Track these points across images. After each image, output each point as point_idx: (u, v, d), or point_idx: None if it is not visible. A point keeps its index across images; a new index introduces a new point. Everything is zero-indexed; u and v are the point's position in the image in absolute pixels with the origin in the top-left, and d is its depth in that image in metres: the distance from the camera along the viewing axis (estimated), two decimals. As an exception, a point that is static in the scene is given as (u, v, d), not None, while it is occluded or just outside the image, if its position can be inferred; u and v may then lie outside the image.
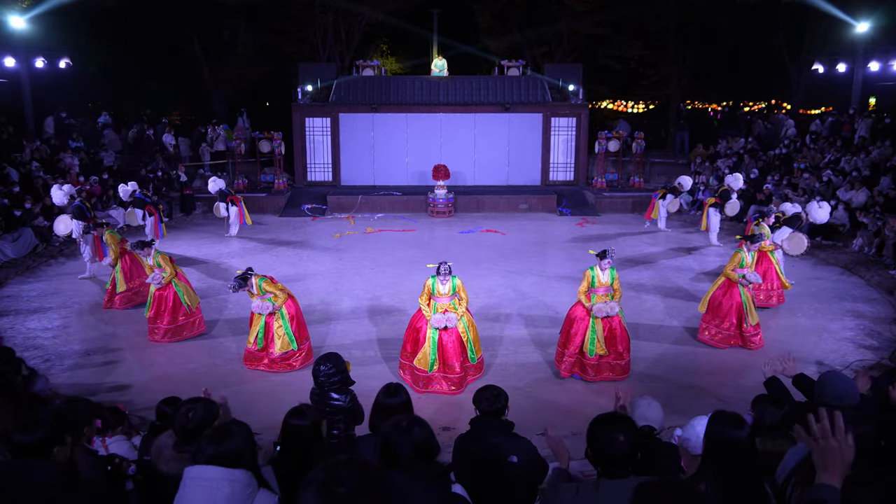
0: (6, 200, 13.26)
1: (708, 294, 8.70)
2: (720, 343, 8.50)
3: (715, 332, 8.55)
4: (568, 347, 7.55)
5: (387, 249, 13.50)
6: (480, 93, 19.15)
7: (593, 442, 2.69)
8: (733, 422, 2.79)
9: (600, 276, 7.47)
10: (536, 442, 4.07)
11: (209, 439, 2.68)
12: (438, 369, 7.21)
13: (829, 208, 11.24)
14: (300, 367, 7.76)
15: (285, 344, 7.71)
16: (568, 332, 7.60)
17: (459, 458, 3.76)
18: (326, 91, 19.36)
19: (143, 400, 7.05)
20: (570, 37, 25.06)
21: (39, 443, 2.92)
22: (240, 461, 2.64)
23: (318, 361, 4.67)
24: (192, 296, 8.90)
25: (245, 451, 2.68)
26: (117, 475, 3.38)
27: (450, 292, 7.23)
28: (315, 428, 3.58)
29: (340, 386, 4.63)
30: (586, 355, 7.47)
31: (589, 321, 7.44)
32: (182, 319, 8.74)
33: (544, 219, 16.71)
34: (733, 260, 8.49)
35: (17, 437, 2.90)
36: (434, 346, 7.17)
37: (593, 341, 7.41)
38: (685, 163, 21.03)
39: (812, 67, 22.40)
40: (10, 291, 10.82)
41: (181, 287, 8.74)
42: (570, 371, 7.61)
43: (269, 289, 7.61)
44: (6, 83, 19.74)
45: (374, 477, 1.76)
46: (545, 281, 11.32)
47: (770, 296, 9.91)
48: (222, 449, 2.64)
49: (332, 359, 4.65)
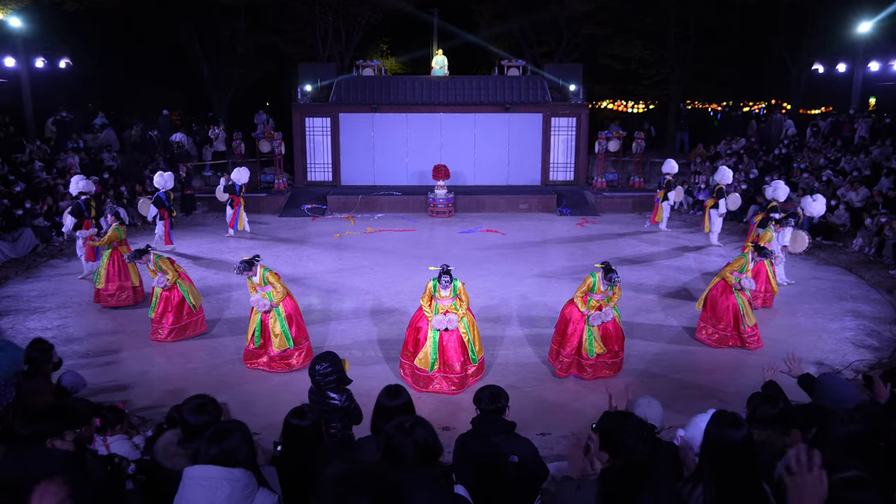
0: (7, 201, 13.26)
1: (705, 292, 8.72)
2: (717, 344, 8.50)
3: (712, 331, 8.56)
4: (564, 348, 7.56)
5: (387, 249, 13.50)
6: (480, 93, 19.15)
7: (611, 434, 2.73)
8: (732, 422, 2.79)
9: (600, 286, 7.49)
10: (537, 442, 4.08)
11: (208, 439, 2.69)
12: (439, 369, 7.22)
13: (823, 201, 11.11)
14: (299, 366, 7.75)
15: (282, 342, 7.71)
16: (563, 331, 7.60)
17: (460, 458, 3.77)
18: (326, 91, 19.36)
19: (143, 400, 7.07)
20: (570, 37, 25.08)
21: (35, 435, 2.98)
22: (239, 461, 2.64)
23: (314, 361, 4.67)
24: (196, 295, 8.93)
25: (244, 451, 2.69)
26: (117, 475, 3.39)
27: (451, 294, 7.24)
28: (315, 428, 3.58)
29: (337, 385, 4.62)
30: (585, 356, 7.47)
31: (585, 323, 7.46)
32: (186, 319, 8.76)
33: (544, 219, 16.71)
34: (735, 263, 8.49)
35: (17, 429, 2.98)
36: (435, 346, 7.17)
37: (591, 342, 7.43)
38: (685, 163, 21.03)
39: (812, 67, 22.42)
40: (10, 291, 10.82)
41: (185, 287, 8.75)
42: (566, 371, 7.61)
43: (272, 280, 7.64)
44: (6, 83, 19.75)
45: (390, 484, 1.75)
46: (545, 281, 11.32)
47: (755, 297, 9.73)
48: (221, 448, 2.64)
49: (329, 358, 4.65)
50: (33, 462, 2.91)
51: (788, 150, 18.72)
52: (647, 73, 26.23)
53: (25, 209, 13.35)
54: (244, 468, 2.65)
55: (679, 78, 25.15)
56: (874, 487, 2.18)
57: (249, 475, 2.64)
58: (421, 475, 2.64)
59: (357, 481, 1.70)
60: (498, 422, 3.83)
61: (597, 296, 7.47)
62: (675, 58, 24.82)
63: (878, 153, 16.05)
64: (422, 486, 2.60)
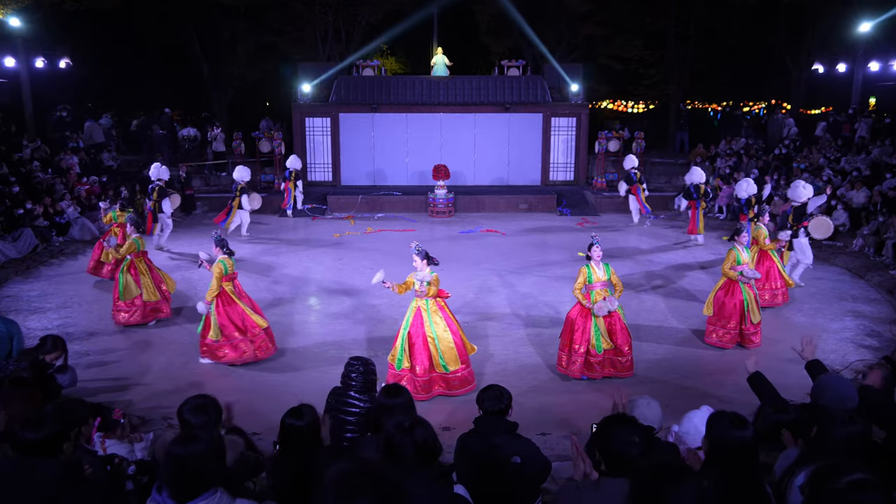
0: (7, 201, 13.25)
1: (711, 295, 8.66)
2: (728, 343, 8.48)
3: (722, 333, 8.51)
4: (575, 349, 7.50)
5: (387, 249, 13.49)
6: (480, 93, 19.14)
7: (607, 442, 2.70)
8: (734, 421, 2.79)
9: (596, 272, 7.47)
10: (537, 442, 4.07)
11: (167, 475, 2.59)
12: (408, 369, 7.16)
13: (811, 189, 10.88)
14: (238, 357, 7.89)
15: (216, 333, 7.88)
16: (570, 334, 7.56)
17: (462, 458, 3.76)
18: (326, 91, 19.36)
19: (142, 400, 7.07)
20: (570, 37, 25.07)
21: (49, 439, 2.93)
22: (207, 484, 2.55)
23: (349, 362, 4.78)
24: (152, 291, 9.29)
25: (211, 468, 2.58)
26: (117, 475, 3.39)
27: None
28: (313, 429, 3.58)
29: (363, 386, 4.67)
30: (593, 352, 7.46)
31: (591, 319, 7.44)
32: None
33: (544, 219, 16.70)
34: (728, 258, 8.48)
35: (28, 435, 2.91)
36: (403, 343, 7.15)
37: (598, 337, 7.42)
38: (685, 163, 21.03)
39: (812, 67, 22.42)
40: (10, 291, 10.82)
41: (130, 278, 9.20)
42: (581, 371, 7.56)
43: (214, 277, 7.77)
44: (6, 83, 19.76)
45: (391, 483, 1.75)
46: (545, 281, 11.32)
47: (775, 294, 9.91)
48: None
49: (362, 360, 4.78)
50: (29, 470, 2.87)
51: (788, 150, 18.71)
52: (647, 73, 26.25)
53: (26, 210, 13.34)
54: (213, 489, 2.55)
55: (679, 78, 25.15)
56: (880, 489, 2.18)
57: (220, 494, 2.55)
58: (421, 475, 2.64)
59: (358, 481, 1.70)
60: (501, 422, 3.82)
61: (597, 285, 7.45)
62: (675, 58, 24.82)
63: (878, 153, 16.06)
64: (422, 485, 2.59)
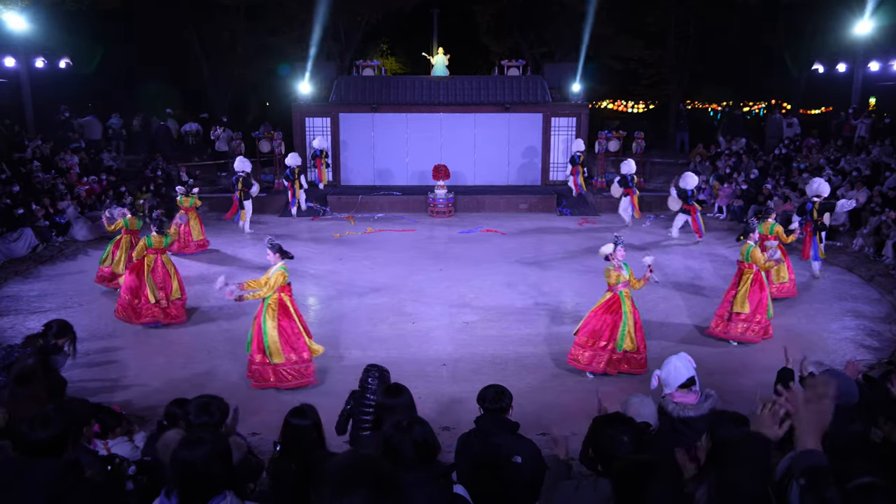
0: (8, 200, 13.24)
1: (741, 293, 8.54)
2: (756, 337, 8.56)
3: (758, 328, 8.58)
4: (602, 346, 7.49)
5: (387, 249, 13.50)
6: (480, 93, 19.14)
7: (597, 441, 2.70)
8: (734, 421, 2.79)
9: (623, 273, 7.53)
10: (537, 442, 4.07)
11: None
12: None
13: (822, 180, 11.59)
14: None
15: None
16: (597, 331, 7.53)
17: (462, 457, 3.76)
18: (326, 91, 19.35)
19: (142, 400, 7.07)
20: (570, 37, 25.06)
21: (54, 439, 2.92)
22: (218, 486, 2.52)
23: (367, 368, 4.85)
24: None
25: (218, 471, 2.53)
26: (117, 475, 3.39)
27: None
28: (316, 428, 3.58)
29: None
30: (614, 350, 7.48)
31: (621, 317, 7.45)
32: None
33: (544, 219, 16.70)
34: (754, 255, 8.48)
35: (38, 434, 2.90)
36: (252, 329, 7.23)
37: (623, 336, 7.43)
38: (685, 163, 21.03)
39: (812, 67, 22.40)
40: (10, 291, 10.82)
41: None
42: (604, 369, 7.55)
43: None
44: (6, 83, 19.75)
45: (385, 474, 1.75)
46: (545, 281, 11.32)
47: (782, 286, 10.11)
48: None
49: (378, 368, 4.86)
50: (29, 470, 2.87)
51: (788, 150, 18.71)
52: (647, 73, 26.24)
53: (29, 210, 13.32)
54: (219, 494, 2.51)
55: (679, 78, 25.14)
56: (887, 491, 2.18)
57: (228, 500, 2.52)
58: (420, 474, 2.64)
59: (353, 473, 1.71)
60: (502, 422, 3.82)
61: (620, 286, 7.54)
62: (675, 58, 24.81)
63: (878, 153, 16.05)
64: (421, 485, 2.59)
